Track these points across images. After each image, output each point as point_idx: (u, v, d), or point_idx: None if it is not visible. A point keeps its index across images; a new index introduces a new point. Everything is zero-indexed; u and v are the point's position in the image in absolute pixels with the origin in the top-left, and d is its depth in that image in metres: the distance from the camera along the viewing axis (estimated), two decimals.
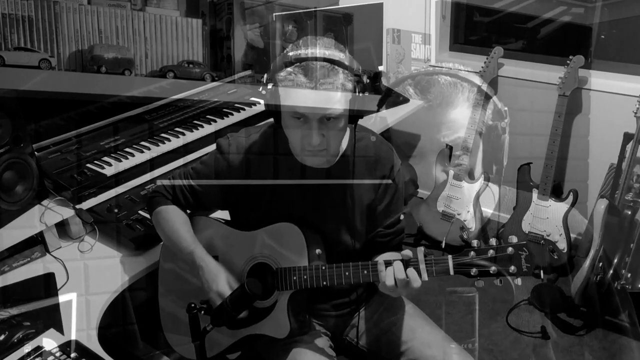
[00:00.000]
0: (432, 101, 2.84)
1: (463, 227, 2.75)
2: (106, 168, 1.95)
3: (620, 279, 2.24)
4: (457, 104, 2.76)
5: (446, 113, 2.79)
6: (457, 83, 2.75)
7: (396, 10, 2.93)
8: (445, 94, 2.78)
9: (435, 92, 2.82)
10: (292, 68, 1.33)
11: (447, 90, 2.78)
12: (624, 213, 2.33)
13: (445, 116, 2.78)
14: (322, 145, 1.39)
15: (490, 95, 2.69)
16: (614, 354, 2.25)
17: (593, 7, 2.61)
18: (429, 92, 2.84)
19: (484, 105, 2.68)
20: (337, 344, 1.62)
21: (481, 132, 2.70)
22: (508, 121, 2.67)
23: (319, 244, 1.47)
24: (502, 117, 2.69)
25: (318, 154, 1.42)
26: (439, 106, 2.80)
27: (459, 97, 2.75)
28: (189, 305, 1.36)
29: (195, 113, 2.32)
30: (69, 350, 1.42)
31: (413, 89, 2.85)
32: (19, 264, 1.66)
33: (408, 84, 2.89)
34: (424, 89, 2.85)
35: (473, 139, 2.65)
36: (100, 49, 2.25)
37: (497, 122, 2.70)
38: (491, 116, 2.69)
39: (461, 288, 2.12)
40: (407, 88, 2.90)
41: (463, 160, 2.69)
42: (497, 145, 2.72)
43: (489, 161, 2.76)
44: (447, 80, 2.78)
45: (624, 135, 2.40)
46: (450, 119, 2.74)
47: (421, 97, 2.85)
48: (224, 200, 1.59)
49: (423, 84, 2.86)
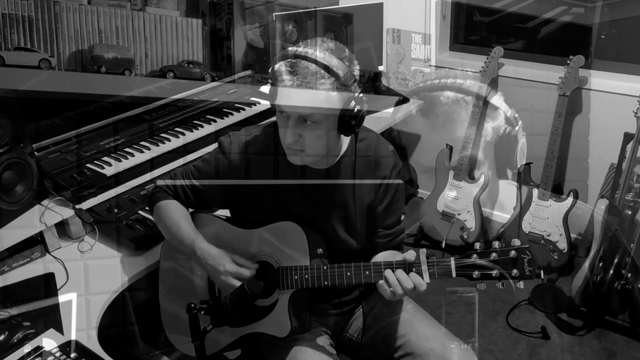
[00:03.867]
0: (434, 122, 2.85)
1: (463, 227, 2.75)
2: (106, 168, 1.95)
3: (621, 279, 2.24)
4: (460, 121, 2.77)
5: (450, 132, 2.81)
6: (461, 100, 2.76)
7: (396, 10, 2.93)
8: (448, 113, 2.79)
9: (437, 112, 2.83)
10: (282, 63, 1.33)
11: (449, 109, 2.79)
12: (624, 213, 2.33)
13: (451, 135, 2.80)
14: (297, 145, 1.39)
15: (496, 107, 2.70)
16: (614, 354, 2.25)
17: (593, 7, 2.61)
18: (431, 113, 2.86)
19: (491, 115, 2.69)
20: (338, 342, 1.62)
21: (493, 140, 2.72)
22: (521, 125, 2.67)
23: (321, 243, 1.47)
24: (512, 124, 2.69)
25: (295, 153, 1.41)
26: (441, 127, 2.81)
27: (462, 114, 2.76)
28: (189, 305, 1.36)
29: (195, 113, 2.31)
30: (69, 350, 1.42)
31: (415, 111, 2.87)
32: (19, 264, 1.66)
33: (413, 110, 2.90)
34: (426, 109, 2.87)
35: (473, 143, 2.66)
36: (100, 49, 2.25)
37: (509, 129, 2.71)
38: (503, 125, 2.70)
39: (461, 288, 2.12)
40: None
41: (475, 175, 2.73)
42: (511, 151, 2.74)
43: (503, 167, 2.77)
44: (448, 99, 2.78)
45: (624, 135, 2.40)
46: (456, 138, 2.75)
47: (423, 119, 2.87)
48: (225, 198, 1.58)
49: (425, 105, 2.88)
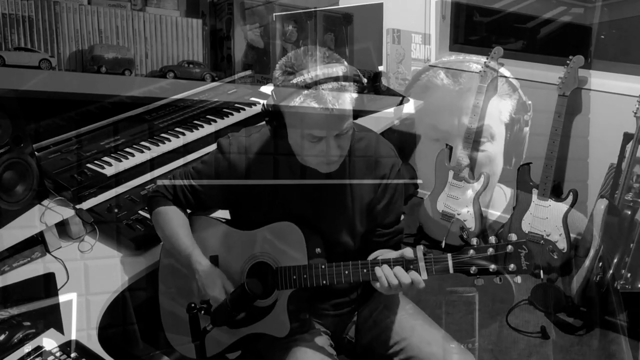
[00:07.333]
0: (463, 85, 2.85)
1: (463, 227, 2.75)
2: (106, 168, 1.95)
3: (620, 278, 2.24)
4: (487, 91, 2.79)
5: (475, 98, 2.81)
6: (488, 72, 2.77)
7: (396, 10, 2.93)
8: (477, 80, 2.80)
9: (466, 77, 2.84)
10: (302, 97, 1.33)
11: (477, 77, 2.80)
12: (623, 213, 2.32)
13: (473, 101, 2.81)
14: (336, 157, 1.43)
15: (516, 87, 2.71)
16: (614, 353, 2.25)
17: (593, 7, 2.60)
18: (461, 76, 2.87)
19: (511, 95, 2.70)
20: (338, 343, 1.62)
21: (506, 122, 2.72)
22: (531, 114, 2.68)
23: (319, 243, 1.47)
24: (526, 110, 2.70)
25: (332, 162, 1.44)
26: (468, 91, 2.81)
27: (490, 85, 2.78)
28: (189, 305, 1.36)
29: (195, 113, 2.31)
30: (69, 350, 1.42)
31: (444, 73, 2.89)
32: (19, 264, 1.67)
33: (439, 69, 2.93)
34: (455, 73, 2.89)
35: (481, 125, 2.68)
36: (101, 49, 2.25)
37: (520, 115, 2.71)
38: (515, 108, 2.71)
39: (461, 288, 2.13)
40: (438, 72, 2.94)
41: (487, 147, 2.73)
42: (519, 138, 2.74)
43: (510, 153, 2.77)
44: (477, 68, 2.80)
45: (624, 135, 2.39)
46: (476, 103, 2.76)
47: (452, 81, 2.89)
48: (224, 199, 1.59)
49: (454, 69, 2.90)
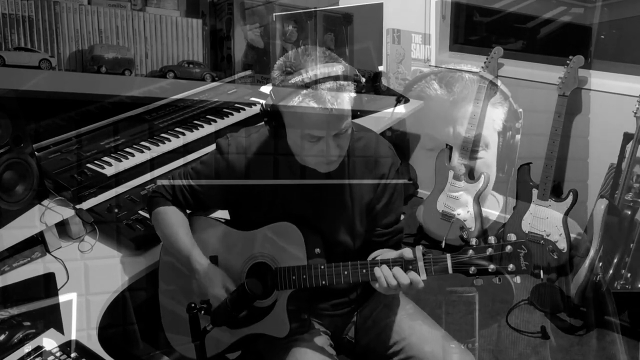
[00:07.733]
0: (456, 95, 2.85)
1: (463, 227, 2.75)
2: (106, 168, 1.96)
3: (620, 278, 2.24)
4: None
5: (469, 108, 2.81)
6: (480, 81, 2.77)
7: (396, 10, 2.93)
8: (470, 90, 2.80)
9: (460, 87, 2.84)
10: (301, 97, 1.33)
11: (471, 86, 2.80)
12: (623, 213, 2.32)
13: (468, 111, 2.80)
14: (335, 156, 1.43)
15: (507, 95, 2.71)
16: (613, 353, 2.25)
17: (593, 7, 2.60)
18: (454, 86, 2.87)
19: (502, 103, 2.70)
20: (337, 343, 1.62)
21: (499, 130, 2.73)
22: (522, 122, 2.68)
23: (318, 243, 1.47)
24: (517, 118, 2.70)
25: (331, 162, 1.44)
26: (463, 100, 2.82)
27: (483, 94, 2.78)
28: (189, 305, 1.36)
29: (195, 113, 2.31)
30: (69, 350, 1.42)
31: (438, 83, 2.89)
32: (19, 264, 1.67)
33: (432, 78, 2.93)
34: (449, 83, 2.89)
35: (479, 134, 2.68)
36: (101, 49, 2.25)
37: (512, 123, 2.72)
38: (507, 116, 2.71)
39: (461, 288, 2.12)
40: (431, 82, 2.94)
41: (482, 155, 2.73)
42: (511, 146, 2.75)
43: (502, 160, 2.78)
44: (471, 78, 2.80)
45: (624, 135, 2.39)
46: (473, 114, 2.77)
47: (446, 91, 2.89)
48: (223, 200, 1.59)
49: (447, 79, 2.90)
